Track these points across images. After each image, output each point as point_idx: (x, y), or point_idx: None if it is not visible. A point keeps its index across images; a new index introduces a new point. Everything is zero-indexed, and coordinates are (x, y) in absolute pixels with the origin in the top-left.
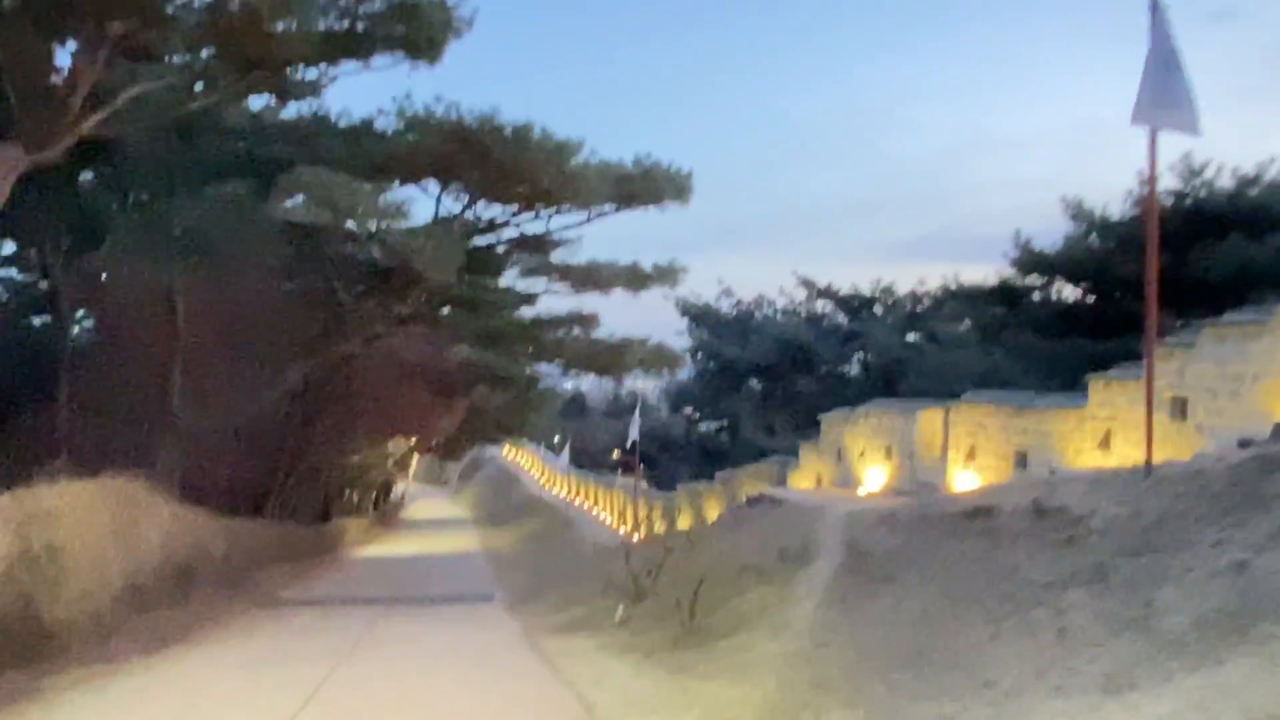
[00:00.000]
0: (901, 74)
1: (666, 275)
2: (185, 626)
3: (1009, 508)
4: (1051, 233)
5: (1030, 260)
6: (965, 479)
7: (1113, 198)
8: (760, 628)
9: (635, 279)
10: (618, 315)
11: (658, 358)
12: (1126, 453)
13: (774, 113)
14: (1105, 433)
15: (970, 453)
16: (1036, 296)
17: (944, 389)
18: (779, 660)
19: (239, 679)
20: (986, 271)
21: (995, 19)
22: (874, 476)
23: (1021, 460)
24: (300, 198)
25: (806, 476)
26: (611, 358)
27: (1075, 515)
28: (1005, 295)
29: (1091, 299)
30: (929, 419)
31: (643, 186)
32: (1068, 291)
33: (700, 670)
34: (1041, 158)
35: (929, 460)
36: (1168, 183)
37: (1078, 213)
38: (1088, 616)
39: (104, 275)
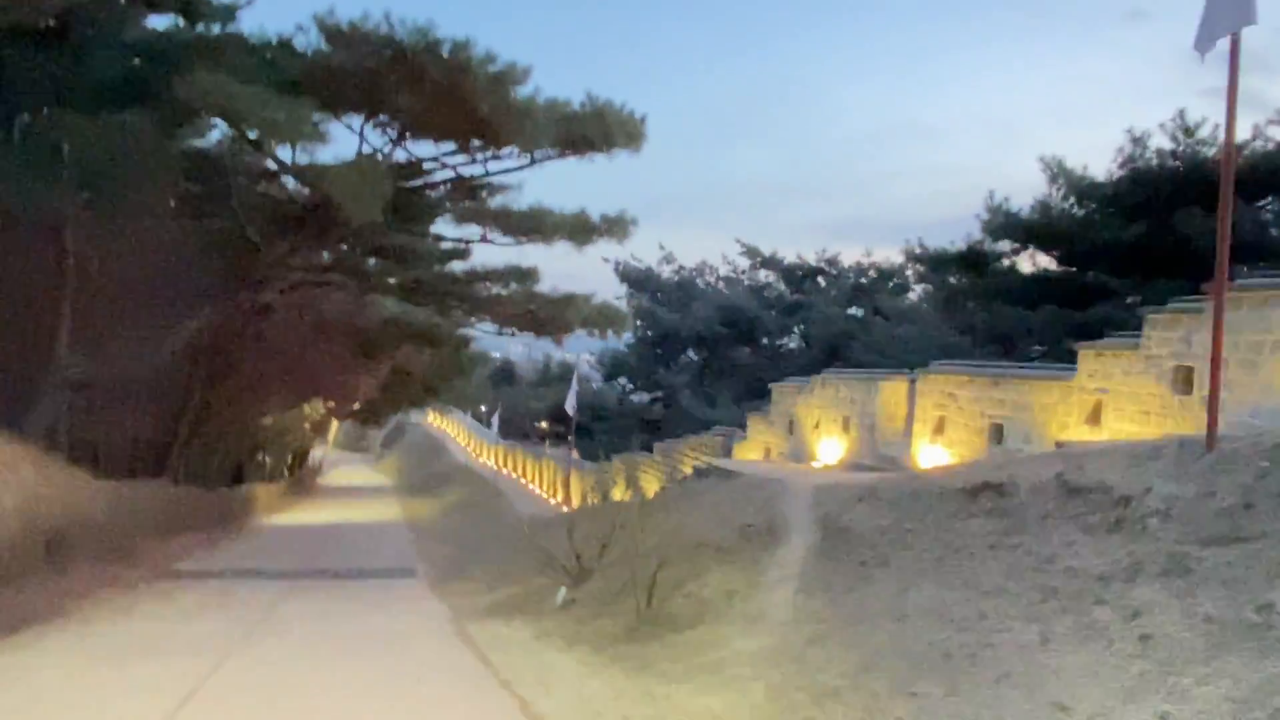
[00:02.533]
0: (826, 59)
1: (615, 226)
2: (52, 605)
3: (1025, 484)
4: (967, 221)
5: (1004, 224)
6: (933, 454)
7: (1021, 191)
8: (730, 617)
9: (581, 229)
10: (553, 280)
11: (603, 316)
12: (1120, 427)
13: (700, 91)
14: (1095, 406)
15: (939, 426)
16: (1005, 263)
17: (890, 363)
18: (761, 659)
19: (99, 674)
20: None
21: (919, 12)
22: (829, 449)
23: (997, 434)
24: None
25: (754, 448)
26: (552, 315)
27: (1121, 494)
28: (972, 261)
29: (1061, 267)
30: (892, 389)
31: (592, 128)
32: (1032, 260)
33: (665, 670)
34: (958, 147)
35: (891, 433)
36: (1159, 142)
37: (1058, 174)
38: (1176, 620)
39: None
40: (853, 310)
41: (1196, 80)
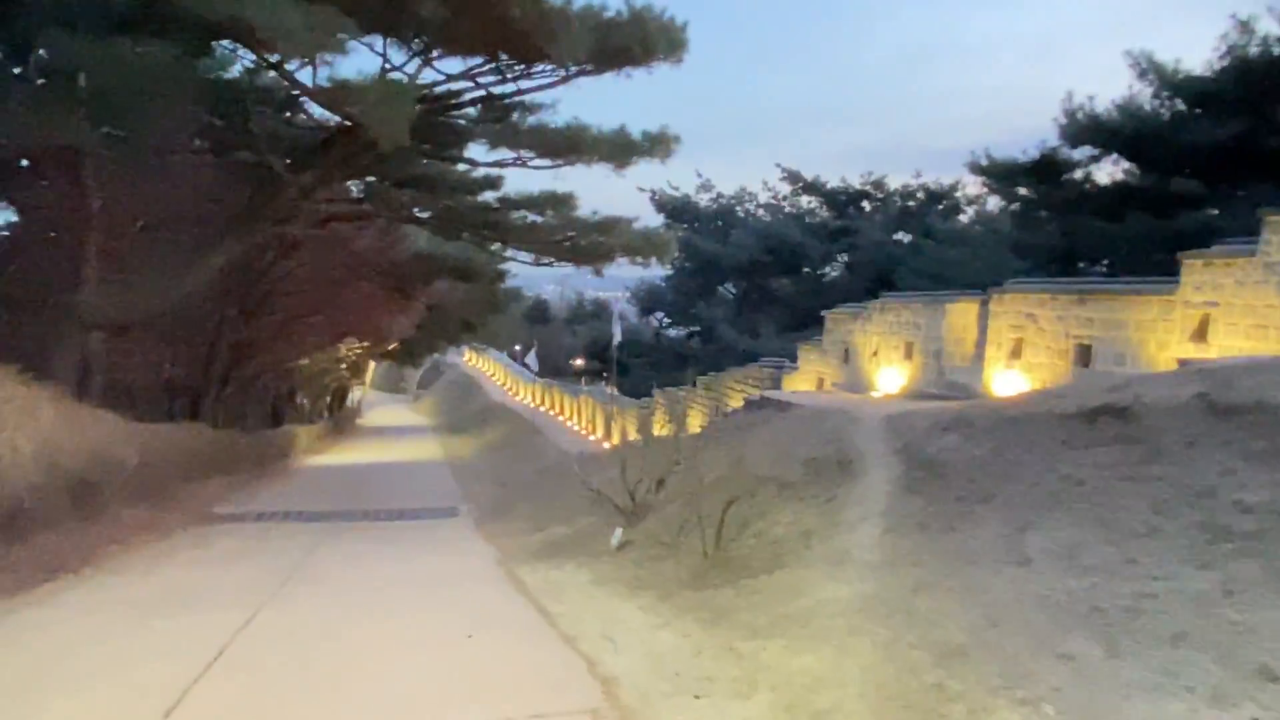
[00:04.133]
0: None
1: (658, 145)
2: (83, 553)
3: (1158, 405)
4: (1011, 144)
5: (1085, 127)
6: (1009, 379)
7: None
8: (810, 560)
9: (622, 148)
10: (588, 211)
11: (646, 243)
12: (1232, 344)
13: (733, 13)
14: (1201, 321)
15: (1015, 349)
16: (1081, 173)
17: (943, 288)
18: (857, 610)
19: (124, 631)
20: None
21: None
22: (889, 378)
23: (1084, 356)
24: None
25: (805, 380)
26: (592, 242)
27: None
28: (1046, 171)
29: (1144, 174)
30: (960, 312)
31: (631, 35)
32: (1113, 169)
33: (745, 621)
34: (1001, 66)
35: (960, 359)
36: (1264, 27)
37: (1147, 69)
38: None
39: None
40: (900, 235)
41: None
